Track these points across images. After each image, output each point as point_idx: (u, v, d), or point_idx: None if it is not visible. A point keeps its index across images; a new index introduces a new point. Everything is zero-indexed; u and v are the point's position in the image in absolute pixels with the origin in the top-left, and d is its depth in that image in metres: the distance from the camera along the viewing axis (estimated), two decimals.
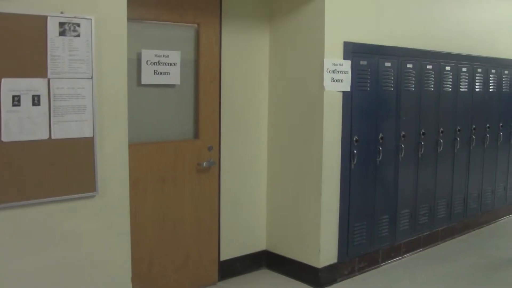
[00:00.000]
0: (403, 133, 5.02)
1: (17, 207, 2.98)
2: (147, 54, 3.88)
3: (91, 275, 3.29)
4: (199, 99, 4.27)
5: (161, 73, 3.97)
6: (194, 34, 4.23)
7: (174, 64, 4.03)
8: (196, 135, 4.30)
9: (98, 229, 3.29)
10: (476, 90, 5.96)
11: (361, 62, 4.58)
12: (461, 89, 5.73)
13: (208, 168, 4.34)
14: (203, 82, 4.27)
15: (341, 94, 4.45)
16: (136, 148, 3.85)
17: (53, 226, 3.11)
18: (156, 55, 3.92)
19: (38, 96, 2.97)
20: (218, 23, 4.33)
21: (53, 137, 3.03)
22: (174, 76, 4.05)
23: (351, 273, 4.72)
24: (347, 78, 4.46)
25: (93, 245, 3.28)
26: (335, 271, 4.58)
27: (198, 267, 4.37)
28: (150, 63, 3.90)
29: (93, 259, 3.28)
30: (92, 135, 3.17)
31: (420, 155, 5.25)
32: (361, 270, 4.82)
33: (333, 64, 4.34)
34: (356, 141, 4.58)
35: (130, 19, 3.44)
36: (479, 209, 6.26)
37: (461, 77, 5.73)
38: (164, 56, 3.96)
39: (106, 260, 3.34)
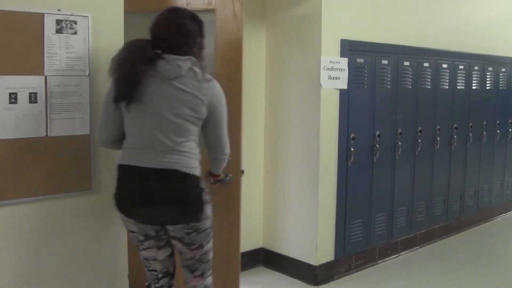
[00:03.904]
0: (400, 130, 5.02)
1: (14, 204, 2.98)
2: None
3: (88, 272, 3.29)
4: None
5: None
6: None
7: None
8: None
9: (94, 226, 3.29)
10: (473, 88, 5.98)
11: (358, 60, 4.59)
12: (458, 87, 5.74)
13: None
14: None
15: (338, 92, 4.45)
16: None
17: (49, 224, 3.11)
18: None
19: (35, 93, 2.97)
20: None
21: (50, 134, 3.03)
22: None
23: (348, 271, 4.73)
24: (344, 76, 4.47)
25: (89, 242, 3.28)
26: (332, 269, 4.59)
27: None
28: None
29: (90, 256, 3.28)
30: (89, 133, 3.17)
31: (417, 153, 5.26)
32: (358, 267, 4.83)
33: (330, 62, 4.35)
34: (353, 138, 4.59)
35: (128, 12, 3.41)
36: (476, 207, 6.28)
37: (458, 75, 5.74)
38: None
39: (102, 257, 3.34)
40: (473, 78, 5.97)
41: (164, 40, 2.72)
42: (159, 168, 2.64)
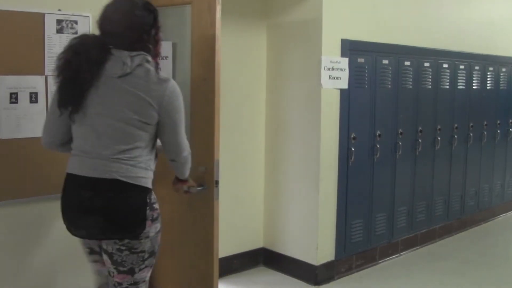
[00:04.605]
0: (400, 130, 5.02)
1: (14, 204, 2.98)
2: None
3: (86, 271, 3.29)
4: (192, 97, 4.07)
5: None
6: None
7: (166, 58, 3.33)
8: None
9: None
10: (474, 87, 5.97)
11: (359, 60, 4.59)
12: (458, 87, 5.74)
13: None
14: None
15: (338, 92, 4.45)
16: None
17: (49, 223, 3.11)
18: None
19: (36, 93, 2.97)
20: None
21: None
22: (165, 73, 3.28)
23: (349, 271, 4.73)
24: (344, 76, 4.46)
25: None
26: (333, 269, 4.59)
27: None
28: None
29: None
30: None
31: (417, 153, 5.25)
32: (359, 267, 4.82)
33: (331, 62, 4.34)
34: (354, 138, 4.58)
35: None
36: (477, 207, 6.27)
37: (459, 74, 5.74)
38: None
39: None
40: (474, 78, 5.97)
41: (114, 35, 2.40)
42: (96, 177, 2.37)
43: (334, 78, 4.38)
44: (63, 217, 2.50)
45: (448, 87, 5.60)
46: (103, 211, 2.37)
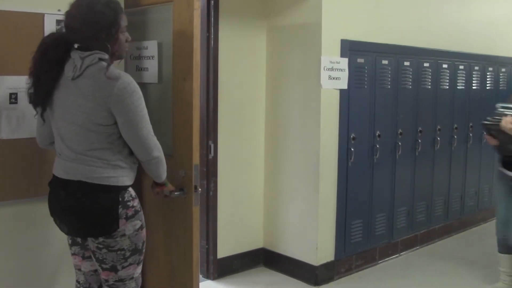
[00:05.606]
0: (400, 130, 5.02)
1: (14, 204, 2.98)
2: (130, 47, 3.03)
3: None
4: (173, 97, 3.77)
5: (141, 69, 3.22)
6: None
7: (152, 57, 3.15)
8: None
9: None
10: (473, 88, 5.97)
11: (358, 60, 4.59)
12: (458, 87, 5.74)
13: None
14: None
15: (338, 92, 4.45)
16: None
17: (49, 223, 3.11)
18: (137, 48, 3.19)
19: None
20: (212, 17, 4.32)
21: None
22: (151, 73, 3.16)
23: (348, 271, 4.73)
24: (344, 76, 4.47)
25: None
26: (332, 269, 4.59)
27: None
28: (133, 58, 3.26)
29: None
30: None
31: (417, 153, 5.26)
32: (358, 267, 4.83)
33: (330, 62, 4.34)
34: (353, 138, 4.58)
35: (128, 9, 3.35)
36: (476, 207, 6.27)
37: (458, 75, 5.74)
38: (144, 48, 3.18)
39: None
40: (473, 78, 5.97)
41: (72, 30, 2.40)
42: (66, 179, 2.47)
43: (333, 78, 4.38)
44: (50, 214, 2.63)
45: (447, 87, 5.60)
46: (74, 211, 2.46)
